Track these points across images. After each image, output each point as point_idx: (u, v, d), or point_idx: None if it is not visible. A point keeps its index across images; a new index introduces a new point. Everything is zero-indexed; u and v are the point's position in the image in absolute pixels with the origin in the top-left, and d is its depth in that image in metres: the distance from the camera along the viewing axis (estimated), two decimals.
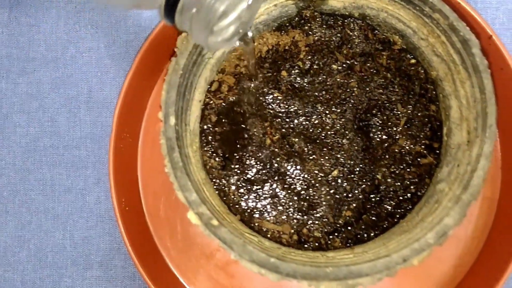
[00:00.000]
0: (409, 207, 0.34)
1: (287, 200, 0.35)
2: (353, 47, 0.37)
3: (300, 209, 0.35)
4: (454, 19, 0.32)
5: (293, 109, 0.36)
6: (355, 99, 0.37)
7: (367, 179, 0.35)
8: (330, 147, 0.36)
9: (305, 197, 0.35)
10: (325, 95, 0.37)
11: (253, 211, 0.35)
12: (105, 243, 0.40)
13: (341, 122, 0.36)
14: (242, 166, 0.36)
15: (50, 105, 0.42)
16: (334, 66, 0.37)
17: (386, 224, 0.34)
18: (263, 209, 0.35)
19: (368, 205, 0.35)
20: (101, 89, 0.42)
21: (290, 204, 0.35)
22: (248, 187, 0.35)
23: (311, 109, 0.36)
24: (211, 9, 0.25)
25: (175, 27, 0.28)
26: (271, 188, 0.35)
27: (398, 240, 0.30)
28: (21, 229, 0.41)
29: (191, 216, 0.30)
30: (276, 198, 0.35)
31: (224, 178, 0.36)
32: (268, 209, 0.35)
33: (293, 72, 0.37)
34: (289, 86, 0.37)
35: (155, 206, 0.39)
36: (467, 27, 0.32)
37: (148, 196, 0.40)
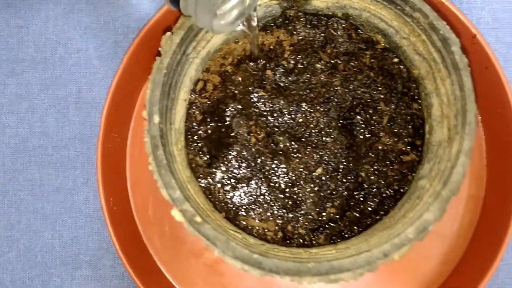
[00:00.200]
0: (392, 204, 0.35)
1: (272, 198, 0.35)
2: (337, 47, 0.38)
3: (285, 207, 0.35)
4: (434, 18, 0.33)
5: (278, 108, 0.37)
6: (339, 98, 0.37)
7: (351, 177, 0.36)
8: (315, 145, 0.36)
9: (290, 195, 0.35)
10: (309, 94, 0.37)
11: (239, 209, 0.35)
12: (94, 243, 0.40)
13: (325, 121, 0.36)
14: (227, 165, 0.36)
15: (39, 106, 0.42)
16: (318, 65, 0.37)
17: (370, 221, 0.35)
18: (248, 207, 0.35)
19: (352, 202, 0.35)
20: (90, 90, 0.42)
21: (275, 202, 0.35)
22: (233, 185, 0.36)
23: (296, 108, 0.37)
24: None
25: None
26: (256, 186, 0.36)
27: (380, 236, 0.31)
28: (10, 229, 0.41)
29: (175, 213, 0.30)
30: (261, 196, 0.36)
31: (210, 176, 0.36)
32: (253, 207, 0.35)
33: (278, 71, 0.37)
34: (274, 85, 0.37)
35: (144, 206, 0.40)
36: (447, 26, 0.33)
37: (137, 196, 0.40)
